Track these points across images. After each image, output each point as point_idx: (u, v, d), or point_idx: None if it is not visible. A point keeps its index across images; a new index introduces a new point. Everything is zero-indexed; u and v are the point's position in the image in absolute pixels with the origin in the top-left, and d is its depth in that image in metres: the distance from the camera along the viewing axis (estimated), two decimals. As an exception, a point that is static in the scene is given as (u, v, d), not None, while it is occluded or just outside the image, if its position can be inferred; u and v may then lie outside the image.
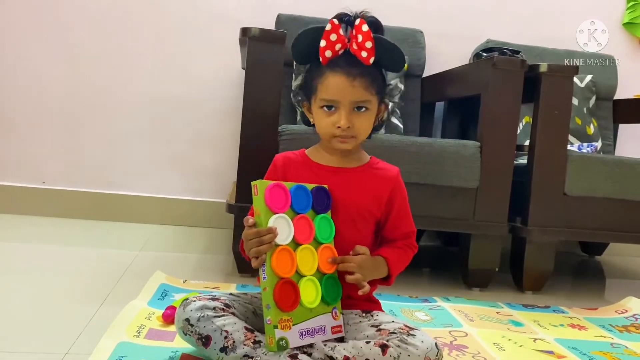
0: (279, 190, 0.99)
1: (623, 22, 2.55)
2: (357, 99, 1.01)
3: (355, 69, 1.00)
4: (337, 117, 1.01)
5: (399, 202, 1.09)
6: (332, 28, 1.00)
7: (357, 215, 1.06)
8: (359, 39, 1.00)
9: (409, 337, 0.93)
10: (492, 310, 1.52)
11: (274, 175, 1.09)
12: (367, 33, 1.00)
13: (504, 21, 2.48)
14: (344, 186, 1.06)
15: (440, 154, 1.63)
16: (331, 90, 1.01)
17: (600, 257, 2.53)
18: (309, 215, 1.02)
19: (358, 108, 1.01)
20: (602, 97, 2.36)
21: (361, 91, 1.00)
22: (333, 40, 1.00)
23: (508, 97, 1.69)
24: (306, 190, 1.02)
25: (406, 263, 1.11)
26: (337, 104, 1.01)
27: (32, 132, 2.27)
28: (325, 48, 1.01)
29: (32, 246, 1.84)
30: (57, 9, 2.25)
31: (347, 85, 1.00)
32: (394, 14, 2.39)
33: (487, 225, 1.69)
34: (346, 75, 0.99)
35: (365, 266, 1.01)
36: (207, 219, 2.33)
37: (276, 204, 0.97)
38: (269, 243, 0.94)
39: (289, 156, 1.11)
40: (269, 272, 0.94)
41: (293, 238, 0.98)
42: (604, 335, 1.39)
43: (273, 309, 0.92)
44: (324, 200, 1.04)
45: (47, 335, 1.10)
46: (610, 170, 1.74)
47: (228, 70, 2.32)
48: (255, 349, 0.91)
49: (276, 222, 0.96)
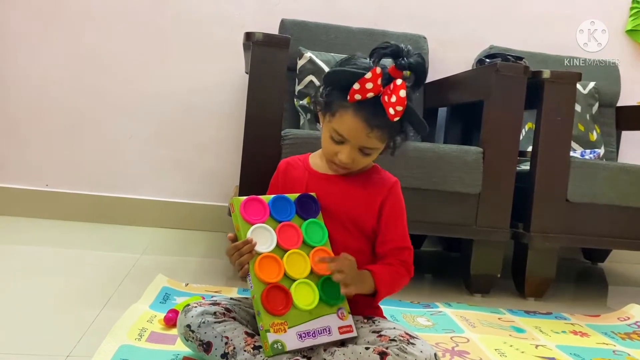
0: (255, 203, 1.02)
1: (626, 29, 2.56)
2: (367, 146, 1.00)
3: (378, 120, 0.96)
4: (342, 150, 1.01)
5: (388, 212, 1.06)
6: (371, 77, 0.95)
7: (350, 223, 1.06)
8: (392, 99, 0.95)
9: (409, 345, 0.92)
10: (494, 316, 1.51)
11: (276, 180, 1.14)
12: (402, 99, 0.94)
13: (507, 27, 2.49)
14: (335, 193, 1.06)
15: (443, 160, 1.64)
16: (345, 129, 0.99)
17: (602, 264, 2.52)
18: (295, 222, 1.03)
19: (363, 149, 1.01)
20: (605, 104, 2.36)
21: (374, 141, 0.99)
22: (368, 88, 0.95)
23: (511, 103, 1.69)
24: (287, 200, 1.04)
25: (398, 283, 1.05)
26: (346, 141, 1.00)
27: (35, 135, 2.28)
28: (357, 92, 0.96)
29: (35, 249, 1.84)
30: (61, 13, 2.26)
31: (363, 133, 0.98)
32: (397, 19, 2.40)
33: (489, 231, 1.69)
34: (366, 124, 0.97)
35: (351, 269, 0.98)
36: (209, 222, 2.34)
37: (253, 216, 1.00)
38: (250, 253, 0.96)
39: (290, 162, 1.14)
40: (254, 280, 0.96)
41: (278, 245, 1.00)
42: (606, 342, 1.39)
43: (263, 314, 0.94)
44: (311, 206, 1.05)
45: (49, 337, 1.10)
46: (612, 177, 1.74)
47: (231, 75, 2.33)
48: (255, 355, 0.91)
49: (255, 232, 0.99)
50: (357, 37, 2.25)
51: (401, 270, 1.05)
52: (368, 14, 2.40)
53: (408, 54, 0.97)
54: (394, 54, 0.97)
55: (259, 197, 1.03)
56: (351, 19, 2.33)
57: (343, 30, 2.25)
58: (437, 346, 1.23)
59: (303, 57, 2.10)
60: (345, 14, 2.37)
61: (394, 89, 0.94)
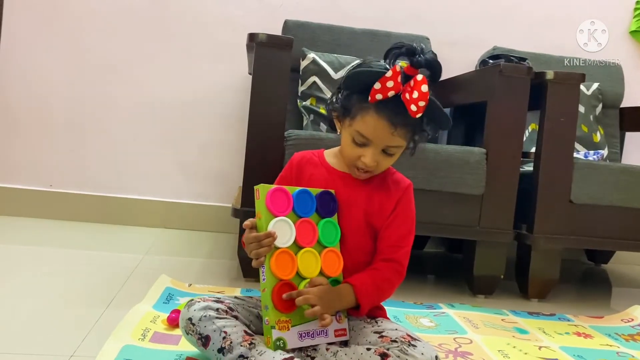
0: (281, 194, 1.00)
1: (630, 29, 2.55)
2: (391, 145, 1.00)
3: (400, 118, 0.96)
4: (365, 153, 1.00)
5: (397, 212, 1.06)
6: (392, 75, 0.95)
7: (363, 223, 1.06)
8: (414, 95, 0.94)
9: (410, 347, 0.92)
10: (497, 317, 1.51)
11: (289, 172, 1.12)
12: (424, 94, 0.94)
13: (511, 28, 2.48)
14: (351, 193, 1.06)
15: (446, 161, 1.64)
16: (369, 130, 0.98)
17: (606, 265, 2.52)
18: (313, 219, 1.02)
19: (387, 150, 1.01)
20: (608, 105, 2.36)
21: (398, 139, 0.99)
22: (389, 87, 0.95)
23: (514, 104, 1.69)
24: (310, 195, 1.03)
25: (385, 289, 1.04)
26: (370, 143, 1.00)
27: (40, 136, 2.29)
28: (378, 92, 0.96)
29: (39, 249, 1.84)
30: (64, 14, 2.27)
31: (387, 132, 0.98)
32: (400, 20, 2.41)
33: (493, 232, 1.69)
34: (390, 123, 0.97)
35: (325, 297, 0.96)
36: (212, 223, 2.34)
37: (277, 207, 0.99)
38: (269, 246, 0.96)
39: (306, 156, 1.13)
40: (268, 273, 0.96)
41: (295, 241, 0.99)
42: (609, 343, 1.38)
43: (271, 309, 0.95)
44: (329, 205, 1.05)
45: (52, 337, 1.10)
46: (616, 178, 1.73)
47: (235, 76, 2.34)
48: (250, 349, 0.91)
49: (276, 225, 0.98)
50: (360, 38, 2.25)
51: (387, 273, 1.04)
52: (371, 14, 2.40)
53: (423, 52, 0.97)
54: (409, 52, 0.97)
55: (285, 188, 1.01)
56: (354, 19, 2.34)
57: (346, 31, 2.25)
58: (440, 347, 1.23)
59: (306, 58, 2.10)
60: (349, 14, 2.37)
61: (414, 85, 0.95)
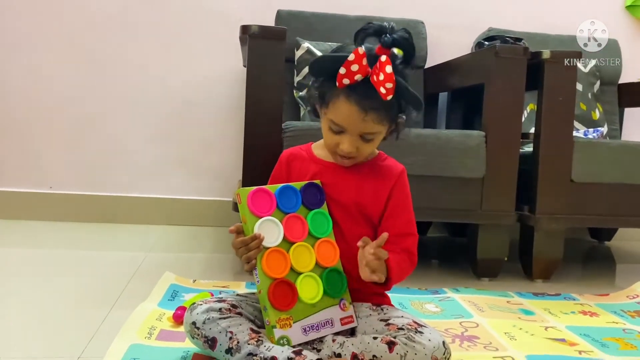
0: (263, 195, 1.00)
1: (626, 4, 2.53)
2: (365, 131, 0.98)
3: (370, 102, 0.94)
4: (342, 140, 0.99)
5: (395, 199, 1.05)
6: (355, 58, 0.92)
7: (357, 211, 1.05)
8: (380, 77, 0.92)
9: (417, 334, 0.92)
10: (502, 299, 1.51)
11: (280, 171, 1.11)
12: (389, 75, 0.91)
13: (506, 9, 2.46)
14: (343, 182, 1.06)
15: (446, 145, 1.63)
16: (341, 117, 0.97)
17: (609, 243, 2.52)
18: (301, 213, 1.02)
19: (365, 136, 0.99)
20: (606, 82, 2.35)
21: (371, 125, 0.97)
22: (354, 71, 0.93)
23: (511, 85, 1.68)
24: (293, 190, 1.03)
25: (405, 272, 1.03)
26: (345, 130, 0.99)
27: (38, 137, 2.28)
28: (344, 76, 0.94)
29: (41, 251, 1.84)
30: (62, 14, 2.25)
31: (358, 118, 0.96)
32: (395, 5, 2.39)
33: (495, 215, 1.68)
34: (359, 108, 0.95)
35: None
36: (214, 218, 2.34)
37: (260, 208, 0.99)
38: (257, 248, 0.95)
39: (294, 152, 1.12)
40: (261, 275, 0.96)
41: (284, 238, 0.99)
42: (615, 321, 1.39)
43: (270, 310, 0.95)
44: (316, 196, 1.05)
45: (59, 339, 1.10)
46: (616, 155, 1.73)
47: (230, 69, 2.32)
48: (258, 346, 0.91)
49: (262, 225, 0.97)
50: (354, 25, 2.22)
51: (405, 257, 1.04)
52: (365, 1, 2.38)
53: (392, 31, 0.95)
54: (377, 32, 0.95)
55: (265, 187, 1.01)
56: (348, 7, 2.31)
57: (340, 19, 2.24)
58: (446, 332, 1.23)
59: (301, 48, 2.08)
60: (342, 2, 2.35)
61: (380, 67, 0.92)
